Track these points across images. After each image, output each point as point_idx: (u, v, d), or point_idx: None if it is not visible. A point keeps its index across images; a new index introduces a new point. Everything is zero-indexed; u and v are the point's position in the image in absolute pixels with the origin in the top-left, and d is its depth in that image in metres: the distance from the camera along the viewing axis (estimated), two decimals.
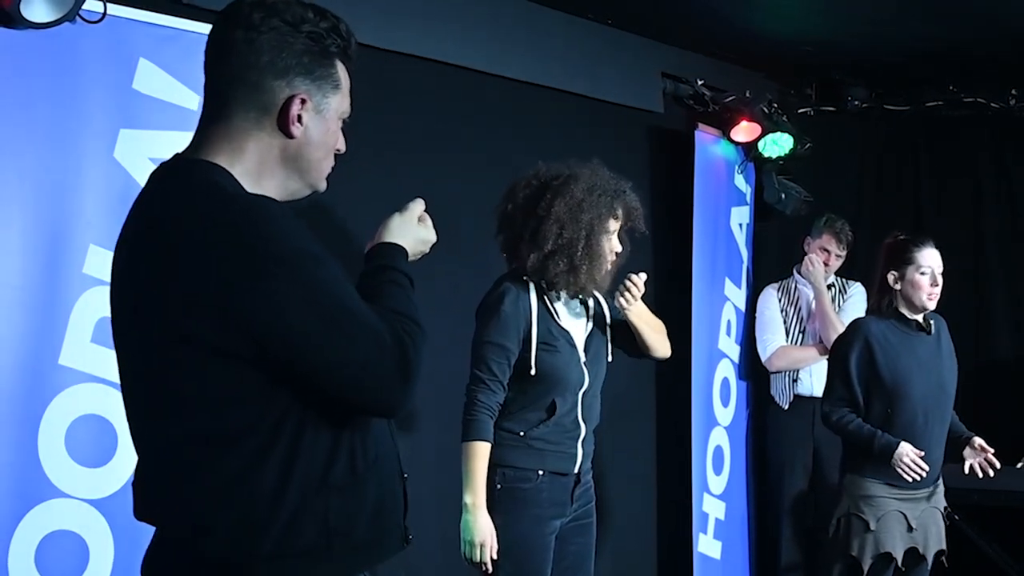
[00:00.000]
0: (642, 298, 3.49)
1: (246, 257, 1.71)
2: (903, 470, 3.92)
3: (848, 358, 4.06)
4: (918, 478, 3.94)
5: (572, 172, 3.39)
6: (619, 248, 3.45)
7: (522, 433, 3.36)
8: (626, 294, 3.44)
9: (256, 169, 1.87)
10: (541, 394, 3.37)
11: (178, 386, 1.77)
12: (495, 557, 3.29)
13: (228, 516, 1.78)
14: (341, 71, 1.93)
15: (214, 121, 1.88)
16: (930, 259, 4.07)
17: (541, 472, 3.37)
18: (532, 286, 3.40)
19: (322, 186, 1.97)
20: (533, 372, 3.34)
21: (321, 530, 1.81)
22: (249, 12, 1.85)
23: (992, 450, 4.16)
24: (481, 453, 3.30)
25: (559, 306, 3.44)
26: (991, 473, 4.12)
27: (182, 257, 1.73)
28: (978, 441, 4.18)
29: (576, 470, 3.43)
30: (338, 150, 1.97)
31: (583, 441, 3.44)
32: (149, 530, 1.97)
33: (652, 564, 5.67)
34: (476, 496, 3.29)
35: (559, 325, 3.41)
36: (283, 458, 1.78)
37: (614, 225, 3.42)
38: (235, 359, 1.74)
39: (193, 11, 3.64)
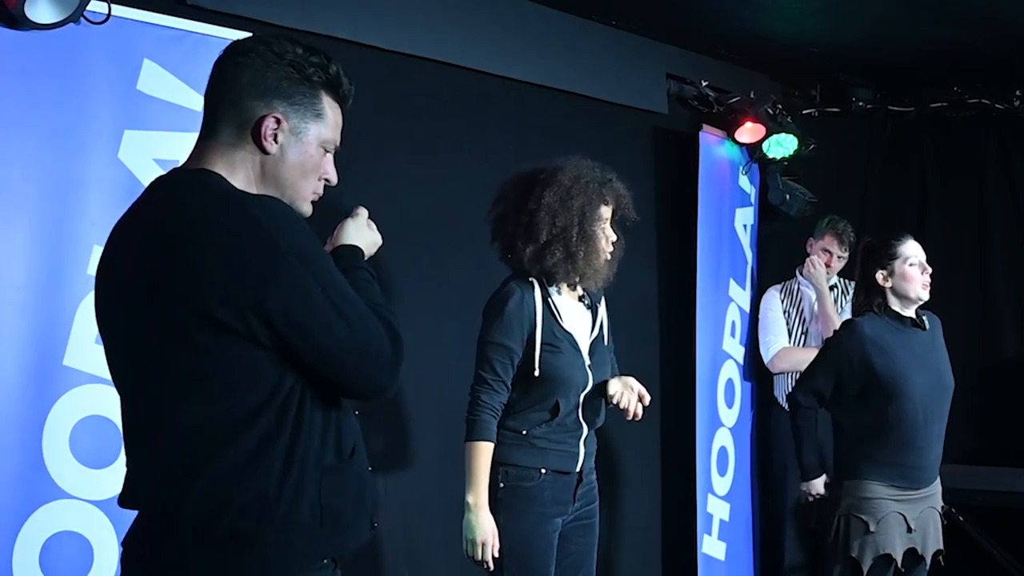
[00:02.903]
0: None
1: (269, 248, 1.88)
2: (803, 494, 4.38)
3: (837, 358, 4.04)
4: (808, 499, 4.33)
5: (556, 164, 3.43)
6: (614, 237, 3.47)
7: (524, 432, 3.37)
8: (628, 406, 3.43)
9: (245, 183, 2.03)
10: (544, 395, 3.38)
11: (201, 372, 1.90)
12: (496, 555, 3.30)
13: (244, 494, 1.91)
14: (327, 104, 2.09)
15: (206, 138, 2.06)
16: (914, 250, 4.08)
17: (543, 471, 3.38)
18: (537, 287, 3.41)
19: (305, 208, 2.11)
20: (536, 373, 3.35)
21: (315, 508, 1.96)
22: (245, 43, 2.07)
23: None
24: (483, 453, 3.32)
25: (564, 308, 3.44)
26: None
27: (207, 249, 1.88)
28: None
29: (578, 469, 3.44)
30: (327, 180, 2.13)
31: (585, 440, 3.45)
32: None
33: (656, 565, 5.67)
34: (478, 496, 3.31)
35: (562, 327, 3.41)
36: (288, 438, 1.93)
37: (606, 212, 3.44)
38: (254, 344, 1.89)
39: (197, 12, 3.64)
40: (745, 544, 5.86)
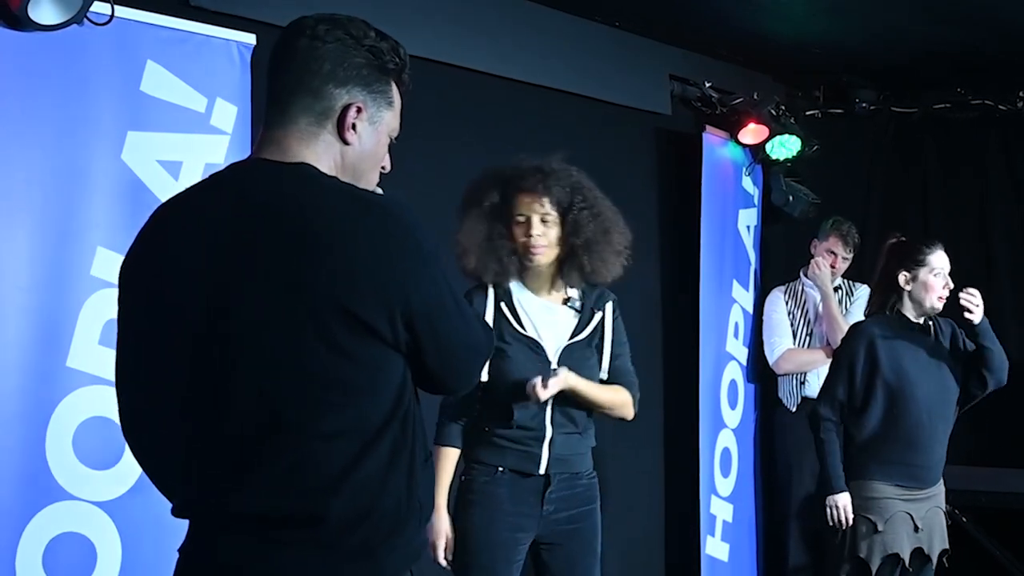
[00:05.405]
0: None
1: (414, 250, 1.84)
2: (828, 514, 4.11)
3: (852, 361, 4.05)
4: (837, 526, 4.12)
5: (471, 180, 3.45)
6: (538, 231, 3.33)
7: (487, 429, 3.39)
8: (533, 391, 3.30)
9: (329, 172, 1.92)
10: (496, 398, 3.34)
11: (343, 376, 1.81)
12: (450, 557, 3.35)
13: (381, 505, 1.85)
14: (395, 91, 2.01)
15: (281, 127, 1.92)
16: (942, 261, 4.08)
17: (501, 469, 3.36)
18: (491, 290, 3.40)
19: None
20: (485, 378, 3.30)
21: (416, 509, 1.92)
22: (315, 24, 1.92)
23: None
24: (444, 457, 3.36)
25: (531, 310, 3.40)
26: None
27: (358, 250, 1.80)
28: None
29: (542, 472, 3.36)
30: (383, 168, 2.04)
31: (550, 444, 3.36)
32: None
33: (660, 566, 5.67)
34: (435, 497, 3.31)
35: (517, 330, 3.37)
36: (411, 440, 1.90)
37: (517, 208, 3.35)
38: (390, 347, 1.84)
39: (200, 14, 3.65)
40: (748, 545, 5.85)
